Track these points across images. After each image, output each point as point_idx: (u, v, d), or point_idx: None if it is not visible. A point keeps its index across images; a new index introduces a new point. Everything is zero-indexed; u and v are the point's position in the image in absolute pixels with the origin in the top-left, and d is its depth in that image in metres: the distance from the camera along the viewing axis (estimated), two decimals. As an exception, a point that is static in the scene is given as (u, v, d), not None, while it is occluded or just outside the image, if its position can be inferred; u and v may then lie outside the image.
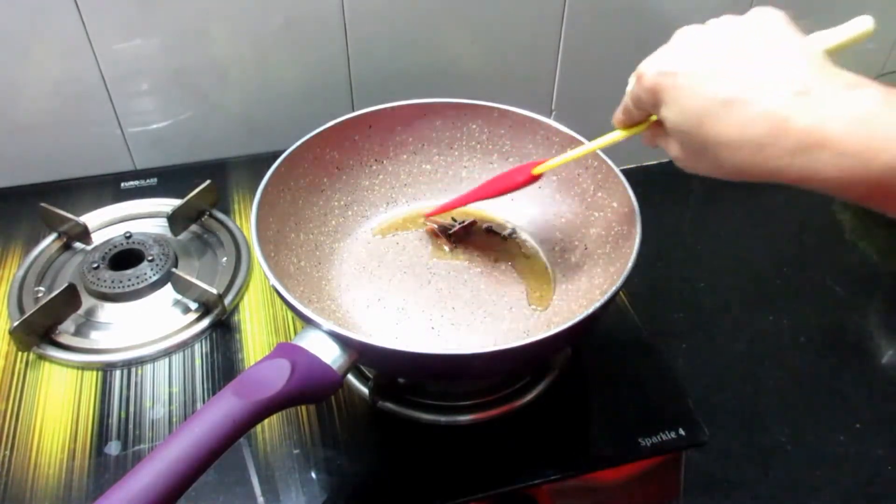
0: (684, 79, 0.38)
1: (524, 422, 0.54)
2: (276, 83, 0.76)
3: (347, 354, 0.44)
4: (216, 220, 0.70)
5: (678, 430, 0.53)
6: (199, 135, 0.78)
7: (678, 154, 0.41)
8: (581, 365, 0.58)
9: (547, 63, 0.81)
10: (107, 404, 0.54)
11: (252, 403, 0.40)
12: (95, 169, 0.76)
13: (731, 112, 0.36)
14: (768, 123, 0.34)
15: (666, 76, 0.39)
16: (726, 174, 0.38)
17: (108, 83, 0.72)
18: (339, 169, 0.63)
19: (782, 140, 0.34)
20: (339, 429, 0.53)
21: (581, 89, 0.84)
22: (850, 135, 0.32)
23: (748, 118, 0.35)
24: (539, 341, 0.44)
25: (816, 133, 0.33)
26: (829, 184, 0.34)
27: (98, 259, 0.63)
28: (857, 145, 0.32)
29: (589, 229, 0.60)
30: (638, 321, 0.62)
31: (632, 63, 0.43)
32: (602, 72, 0.80)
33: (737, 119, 0.35)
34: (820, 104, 0.33)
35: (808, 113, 0.33)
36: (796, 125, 0.34)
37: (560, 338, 0.45)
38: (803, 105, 0.34)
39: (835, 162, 0.33)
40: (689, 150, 0.40)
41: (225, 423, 0.39)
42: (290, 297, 0.46)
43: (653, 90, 0.40)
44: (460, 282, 0.60)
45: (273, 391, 0.41)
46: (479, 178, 0.66)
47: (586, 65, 0.82)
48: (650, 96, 0.40)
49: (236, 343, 0.59)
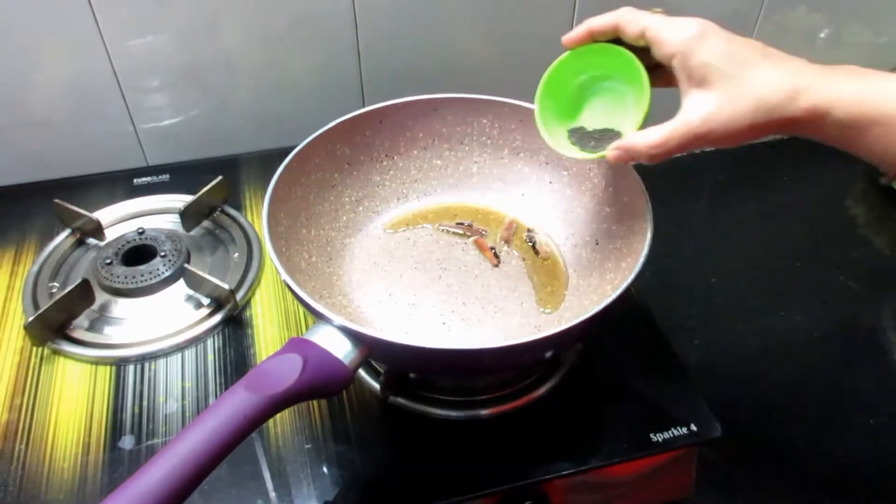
0: (723, 36, 0.44)
1: (535, 417, 0.54)
2: (286, 79, 0.76)
3: (358, 349, 0.44)
4: (228, 215, 0.70)
5: (690, 425, 0.53)
6: (210, 131, 0.78)
7: (708, 101, 0.44)
8: (592, 360, 0.58)
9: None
10: (120, 399, 0.55)
11: (264, 398, 0.40)
12: (108, 165, 0.76)
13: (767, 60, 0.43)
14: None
15: (710, 27, 0.44)
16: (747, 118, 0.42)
17: (121, 79, 0.72)
18: (349, 164, 0.63)
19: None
20: (350, 423, 0.54)
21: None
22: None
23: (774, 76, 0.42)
24: (550, 336, 0.44)
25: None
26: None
27: (111, 255, 0.64)
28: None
29: (600, 224, 0.59)
30: (650, 316, 0.61)
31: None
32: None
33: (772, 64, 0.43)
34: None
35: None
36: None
37: (571, 333, 0.45)
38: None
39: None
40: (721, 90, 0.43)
41: (237, 418, 0.39)
42: (302, 292, 0.46)
43: (702, 34, 0.44)
44: (471, 277, 0.60)
45: (285, 386, 0.41)
46: (490, 174, 0.66)
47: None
48: (691, 39, 0.44)
49: (248, 338, 0.59)
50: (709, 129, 0.43)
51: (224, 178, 0.70)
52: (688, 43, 0.44)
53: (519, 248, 0.63)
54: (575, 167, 0.62)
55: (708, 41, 0.43)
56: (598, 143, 0.51)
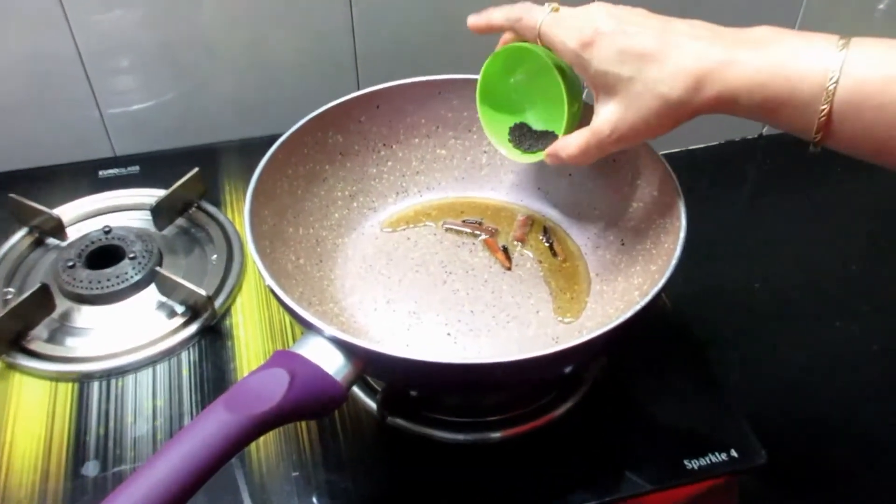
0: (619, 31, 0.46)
1: (553, 441, 0.54)
2: (272, 59, 0.77)
3: (352, 364, 0.45)
4: (205, 212, 0.71)
5: (730, 451, 0.53)
6: (186, 117, 0.78)
7: (612, 110, 0.47)
8: (618, 376, 0.58)
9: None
10: (84, 419, 0.55)
11: (245, 419, 0.40)
12: (71, 155, 0.77)
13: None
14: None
15: (597, 25, 0.46)
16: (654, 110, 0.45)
17: (85, 59, 0.72)
18: (342, 155, 0.63)
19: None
20: (343, 448, 0.54)
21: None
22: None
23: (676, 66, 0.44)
24: (570, 349, 0.44)
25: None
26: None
27: (74, 256, 0.64)
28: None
29: (626, 222, 0.59)
30: (683, 327, 0.61)
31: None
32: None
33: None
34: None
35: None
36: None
37: (594, 345, 0.45)
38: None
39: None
40: (617, 97, 0.46)
41: (215, 441, 0.39)
42: (288, 299, 0.46)
43: (589, 40, 0.46)
44: (480, 281, 0.60)
45: (269, 405, 0.41)
46: (501, 165, 0.66)
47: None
48: (583, 48, 0.46)
49: (228, 351, 0.60)
50: (619, 135, 0.47)
51: (201, 169, 0.70)
52: (577, 54, 0.47)
53: (534, 248, 0.63)
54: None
55: (596, 47, 0.46)
56: (533, 144, 0.56)
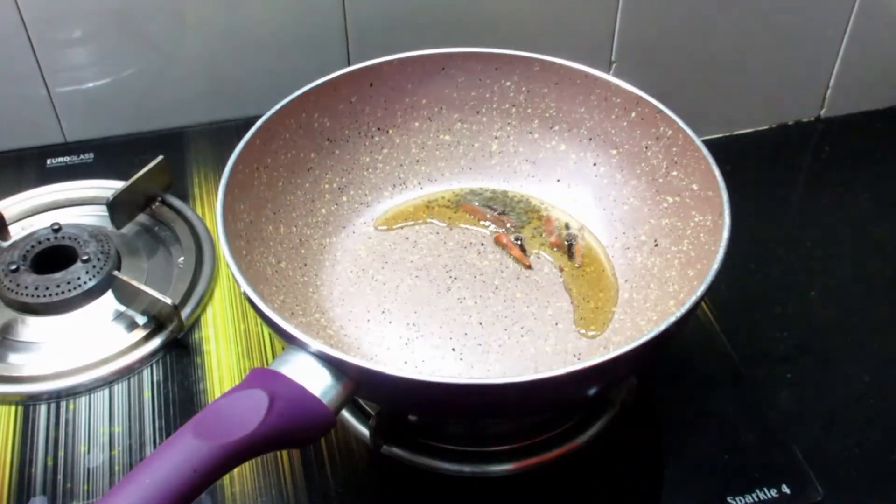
0: None
1: (574, 474, 0.54)
2: (248, 29, 0.77)
3: (342, 384, 0.45)
4: (171, 207, 0.71)
5: (781, 486, 0.53)
6: (148, 97, 0.79)
7: None
8: (650, 400, 0.58)
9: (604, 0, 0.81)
10: (29, 449, 0.55)
11: (217, 448, 0.40)
12: (13, 141, 0.77)
13: None
14: None
15: None
16: None
17: (30, 27, 0.72)
18: (330, 141, 0.63)
19: None
20: (331, 481, 0.54)
21: (649, 34, 0.83)
22: None
23: None
24: (594, 367, 0.44)
25: None
26: None
27: (17, 259, 0.64)
28: None
29: (660, 220, 0.60)
30: (726, 342, 0.61)
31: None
32: (676, 10, 0.80)
33: None
34: None
35: None
36: None
37: (622, 363, 0.45)
38: None
39: None
40: None
41: (183, 474, 0.39)
42: (267, 308, 0.46)
43: None
44: (490, 288, 0.60)
45: (245, 432, 0.41)
46: (515, 153, 0.66)
47: (656, 1, 0.82)
48: None
49: (197, 369, 0.60)
50: None
51: (166, 158, 0.71)
52: None
53: (553, 250, 0.63)
54: (627, 144, 0.62)
55: None
56: None
